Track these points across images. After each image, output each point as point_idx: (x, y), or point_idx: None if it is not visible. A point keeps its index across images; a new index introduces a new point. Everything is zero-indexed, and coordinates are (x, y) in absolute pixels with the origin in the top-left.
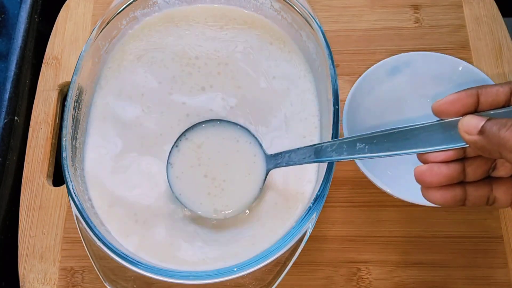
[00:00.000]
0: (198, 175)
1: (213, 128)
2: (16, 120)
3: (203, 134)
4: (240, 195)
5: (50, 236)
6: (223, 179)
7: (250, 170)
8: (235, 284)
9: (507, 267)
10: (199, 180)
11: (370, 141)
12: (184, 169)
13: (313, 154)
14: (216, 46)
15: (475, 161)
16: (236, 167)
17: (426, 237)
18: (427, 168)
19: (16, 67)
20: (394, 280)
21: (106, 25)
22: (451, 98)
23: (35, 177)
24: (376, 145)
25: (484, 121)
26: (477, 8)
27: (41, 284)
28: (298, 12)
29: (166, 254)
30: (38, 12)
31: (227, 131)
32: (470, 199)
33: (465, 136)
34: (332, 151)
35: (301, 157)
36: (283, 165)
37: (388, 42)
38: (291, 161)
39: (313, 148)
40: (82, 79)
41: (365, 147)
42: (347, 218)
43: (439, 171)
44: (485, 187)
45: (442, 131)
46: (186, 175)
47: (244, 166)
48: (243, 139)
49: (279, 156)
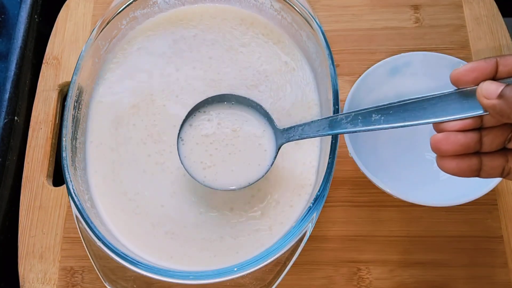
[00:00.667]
0: (208, 150)
1: (224, 103)
2: (16, 120)
3: (213, 109)
4: (250, 170)
5: (50, 236)
6: (232, 153)
7: (261, 145)
8: (235, 284)
9: (507, 266)
10: (208, 154)
11: (386, 111)
12: (194, 144)
13: (327, 127)
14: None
15: (492, 131)
16: (246, 142)
17: (426, 236)
18: (443, 137)
19: (16, 67)
20: (395, 279)
21: (106, 25)
22: (470, 66)
23: (35, 177)
24: (392, 116)
25: (503, 86)
26: (477, 8)
27: (41, 284)
28: (298, 12)
29: (167, 253)
30: (38, 12)
31: (237, 106)
32: (485, 169)
33: (484, 101)
34: (347, 122)
35: (315, 130)
36: (296, 139)
37: (388, 42)
38: (304, 134)
39: (327, 121)
40: (82, 79)
41: (381, 118)
42: (347, 218)
43: (456, 139)
44: (500, 158)
45: (459, 100)
46: (196, 150)
47: (254, 141)
48: (254, 114)
49: (291, 130)
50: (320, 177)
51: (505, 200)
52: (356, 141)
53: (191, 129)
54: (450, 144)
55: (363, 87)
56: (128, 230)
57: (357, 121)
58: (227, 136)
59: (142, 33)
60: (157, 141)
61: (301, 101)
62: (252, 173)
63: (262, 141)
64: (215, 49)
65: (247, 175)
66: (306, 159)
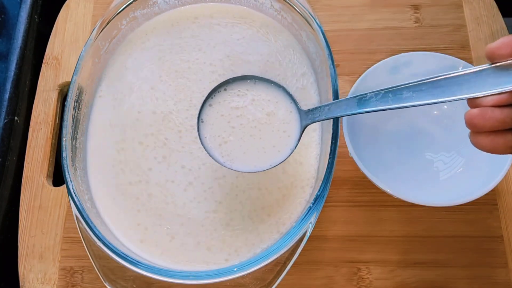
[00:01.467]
0: (231, 122)
1: (245, 83)
2: (16, 120)
3: (234, 91)
4: (273, 152)
5: (50, 236)
6: (254, 135)
7: (285, 132)
8: (235, 284)
9: (507, 266)
10: (230, 127)
11: (417, 88)
12: (219, 116)
13: (355, 105)
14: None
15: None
16: (273, 126)
17: (427, 236)
18: (479, 112)
19: (16, 67)
20: (395, 279)
21: (106, 25)
22: (506, 40)
23: (35, 177)
24: (424, 92)
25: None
26: (477, 8)
27: (41, 284)
28: (298, 12)
29: (167, 253)
30: (38, 12)
31: (258, 87)
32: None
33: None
34: (377, 100)
35: (342, 109)
36: (322, 119)
37: (389, 42)
38: (331, 114)
39: (356, 99)
40: (82, 79)
41: (413, 95)
42: (347, 218)
43: (493, 115)
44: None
45: (495, 74)
46: (218, 123)
47: (280, 126)
48: (276, 96)
49: (317, 110)
50: (320, 177)
51: (505, 200)
52: (356, 141)
53: (212, 109)
54: (486, 120)
55: (363, 87)
56: (128, 230)
57: (387, 98)
58: (256, 117)
59: (143, 33)
60: (158, 141)
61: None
62: (270, 158)
63: (287, 126)
64: (215, 48)
65: (265, 159)
66: (306, 159)
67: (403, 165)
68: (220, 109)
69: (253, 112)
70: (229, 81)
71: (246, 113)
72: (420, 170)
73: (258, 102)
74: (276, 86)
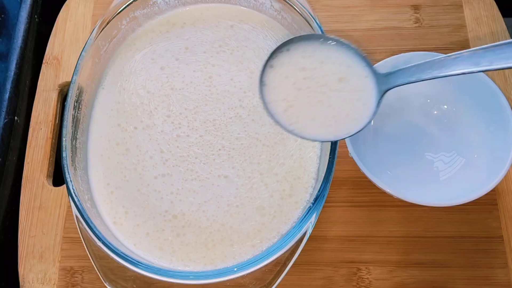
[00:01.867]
0: (296, 83)
1: (311, 44)
2: (16, 120)
3: (299, 51)
4: (346, 121)
5: (50, 236)
6: (322, 101)
7: (359, 95)
8: (235, 284)
9: (507, 267)
10: (296, 88)
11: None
12: (283, 78)
13: (443, 67)
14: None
15: None
16: (340, 92)
17: (426, 237)
18: None
19: (16, 67)
20: (394, 280)
21: (106, 25)
22: None
23: (35, 177)
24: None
25: None
26: (477, 8)
27: (41, 284)
28: (298, 12)
29: (167, 253)
30: (38, 12)
31: (326, 48)
32: None
33: None
34: (457, 64)
35: (427, 70)
36: (404, 82)
37: (388, 42)
38: (414, 76)
39: (441, 60)
40: (82, 79)
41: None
42: (347, 218)
43: None
44: None
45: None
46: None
47: (350, 91)
48: (347, 58)
49: (398, 72)
50: (320, 177)
51: (505, 200)
52: (356, 141)
53: (273, 70)
54: None
55: None
56: (128, 229)
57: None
58: (326, 82)
59: (143, 34)
60: (159, 140)
61: None
62: (343, 126)
63: (362, 94)
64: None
65: (337, 128)
66: (306, 159)
67: (403, 165)
68: (283, 71)
69: (322, 75)
70: (292, 40)
71: (314, 75)
72: (420, 170)
73: (327, 64)
74: (347, 47)
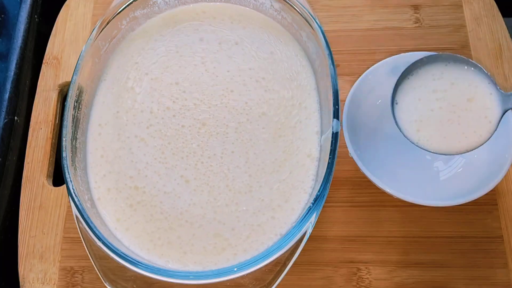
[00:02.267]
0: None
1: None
2: (16, 120)
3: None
4: (474, 137)
5: (50, 236)
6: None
7: (486, 113)
8: (235, 284)
9: (507, 267)
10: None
11: None
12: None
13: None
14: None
15: None
16: (469, 111)
17: (426, 237)
18: None
19: (16, 67)
20: (394, 280)
21: (106, 25)
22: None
23: (35, 177)
24: None
25: None
26: (477, 8)
27: (41, 284)
28: (298, 12)
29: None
30: (38, 12)
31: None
32: None
33: None
34: None
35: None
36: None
37: (388, 42)
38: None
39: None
40: (82, 79)
41: None
42: (347, 218)
43: None
44: None
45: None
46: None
47: (478, 110)
48: (474, 78)
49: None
50: (320, 177)
51: (505, 200)
52: (356, 141)
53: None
54: None
55: (363, 87)
56: (128, 229)
57: None
58: (456, 102)
59: (143, 33)
60: (159, 140)
61: (301, 102)
62: (470, 142)
63: (489, 112)
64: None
65: (464, 144)
66: (306, 159)
67: (403, 165)
68: (416, 94)
69: (453, 96)
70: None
71: (445, 96)
72: (420, 170)
73: (457, 86)
74: (472, 66)
